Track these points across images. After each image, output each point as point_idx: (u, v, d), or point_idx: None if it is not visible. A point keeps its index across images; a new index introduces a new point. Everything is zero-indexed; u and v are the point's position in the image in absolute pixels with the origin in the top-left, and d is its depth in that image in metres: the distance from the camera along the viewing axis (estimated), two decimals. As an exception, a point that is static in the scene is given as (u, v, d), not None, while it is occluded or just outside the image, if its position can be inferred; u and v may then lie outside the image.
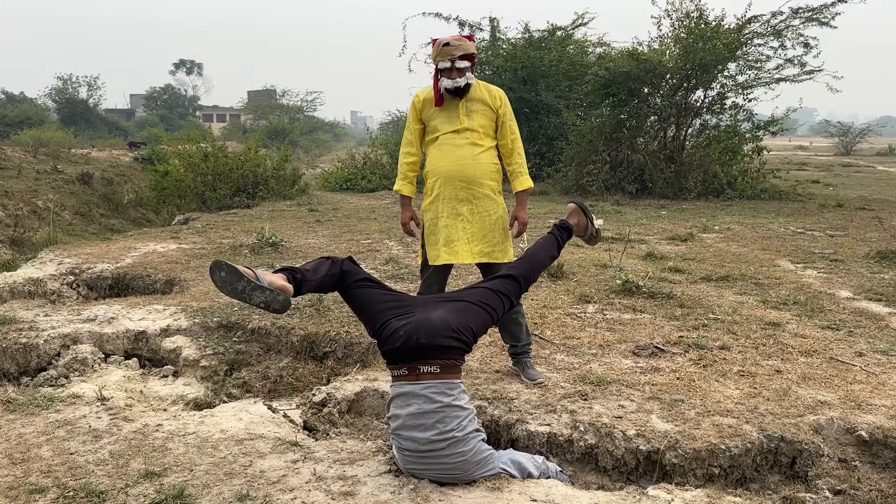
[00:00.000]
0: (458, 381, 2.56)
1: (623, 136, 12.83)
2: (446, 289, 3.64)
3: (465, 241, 3.41)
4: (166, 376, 4.36)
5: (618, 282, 5.29)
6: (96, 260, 6.68)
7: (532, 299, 5.00)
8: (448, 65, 3.36)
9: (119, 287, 6.21)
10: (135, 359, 4.55)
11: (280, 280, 2.55)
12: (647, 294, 5.10)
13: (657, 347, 3.88)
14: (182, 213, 11.31)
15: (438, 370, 2.50)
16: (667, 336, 4.14)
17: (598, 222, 3.49)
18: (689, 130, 13.49)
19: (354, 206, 11.52)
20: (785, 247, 7.45)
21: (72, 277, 6.30)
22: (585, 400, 3.19)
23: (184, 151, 12.28)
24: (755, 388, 3.33)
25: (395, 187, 3.66)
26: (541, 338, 4.13)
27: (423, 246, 3.57)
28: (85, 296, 6.21)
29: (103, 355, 4.52)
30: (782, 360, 3.74)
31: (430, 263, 3.49)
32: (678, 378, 3.45)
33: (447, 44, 3.41)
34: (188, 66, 66.87)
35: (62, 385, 4.05)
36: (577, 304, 4.96)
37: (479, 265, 3.52)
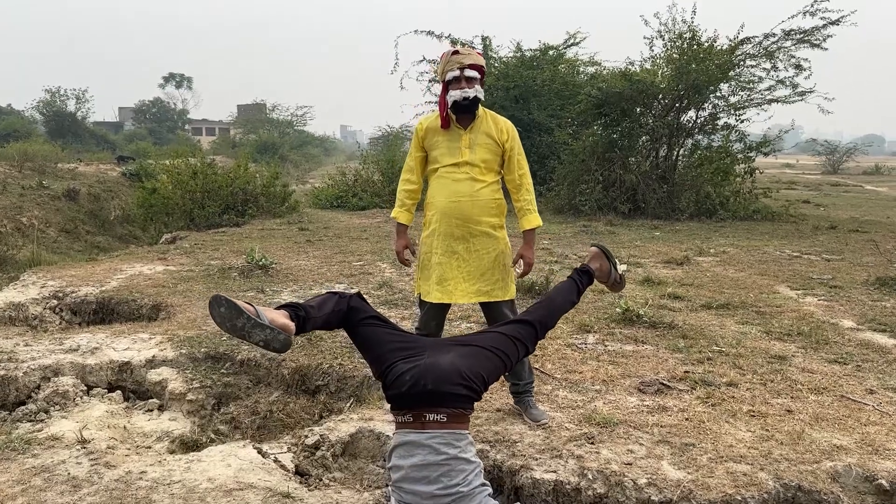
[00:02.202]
0: (466, 431, 2.41)
1: (615, 156, 12.78)
2: (445, 323, 3.51)
3: (460, 279, 3.27)
4: (151, 410, 4.18)
5: (617, 310, 5.17)
6: (81, 283, 6.49)
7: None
8: (457, 73, 3.21)
9: (104, 312, 6.02)
10: (119, 391, 4.37)
11: (282, 318, 2.41)
12: (648, 323, 4.98)
13: (663, 384, 3.75)
14: (170, 232, 11.12)
15: (445, 419, 2.35)
16: (672, 370, 4.01)
17: (621, 268, 3.35)
18: (682, 150, 13.48)
19: (346, 225, 11.37)
20: (782, 271, 7.37)
21: (55, 301, 6.11)
22: (592, 443, 3.05)
23: (172, 168, 12.10)
24: (767, 430, 3.20)
25: (393, 213, 3.53)
26: (542, 371, 3.99)
27: (418, 277, 3.44)
28: (69, 321, 6.02)
29: (86, 387, 4.33)
30: (792, 398, 3.63)
31: (422, 298, 3.36)
32: (687, 419, 3.32)
33: (456, 52, 3.28)
34: (178, 80, 66.73)
35: (42, 420, 3.87)
36: (576, 334, 4.83)
37: (480, 304, 3.38)
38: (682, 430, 3.20)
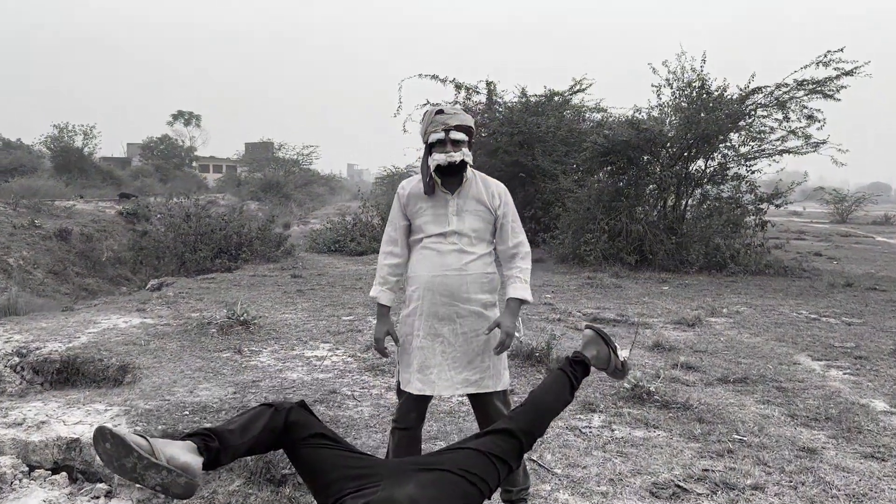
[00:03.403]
0: None
1: (622, 205, 12.39)
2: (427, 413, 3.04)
3: (445, 367, 2.82)
4: (98, 497, 3.69)
5: (626, 385, 4.69)
6: (49, 337, 6.06)
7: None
8: (441, 136, 2.82)
9: (69, 371, 5.56)
10: (65, 473, 3.90)
11: (186, 454, 1.93)
12: (660, 402, 4.49)
13: (679, 486, 3.25)
14: (158, 277, 10.71)
15: None
16: (688, 466, 3.52)
17: (623, 354, 2.90)
18: (690, 200, 13.10)
19: (341, 273, 10.95)
20: (801, 337, 6.88)
21: (17, 359, 5.66)
22: (596, 572, 2.56)
23: (165, 210, 11.76)
24: (804, 555, 2.71)
25: (372, 293, 3.04)
26: (540, 465, 3.51)
27: (398, 363, 2.99)
28: (30, 381, 5.56)
29: (27, 468, 3.87)
30: (829, 507, 3.13)
31: (401, 388, 2.91)
32: (708, 537, 2.83)
33: (440, 111, 2.88)
34: (186, 118, 67.23)
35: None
36: (580, 414, 4.35)
37: (468, 395, 2.93)
38: (704, 553, 2.70)
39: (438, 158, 2.81)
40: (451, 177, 2.87)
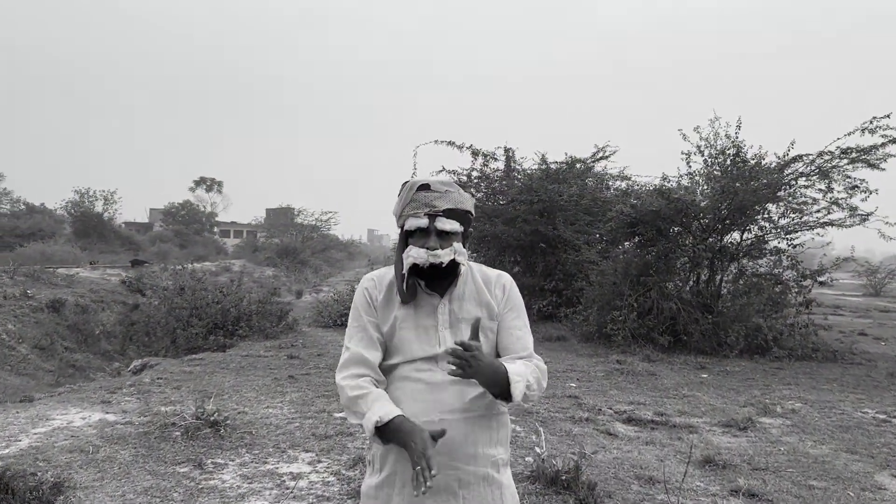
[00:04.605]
0: None
1: (651, 280, 11.40)
2: None
3: None
4: None
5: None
6: (-14, 439, 5.14)
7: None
8: (423, 223, 1.94)
9: (-4, 486, 4.62)
10: None
11: None
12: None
13: None
14: (145, 356, 9.84)
15: None
16: None
17: None
18: (725, 276, 12.08)
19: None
20: (875, 446, 5.76)
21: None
22: None
23: (158, 281, 10.99)
24: None
25: (367, 420, 1.85)
26: None
27: None
28: (-51, 497, 4.62)
29: None
30: None
31: None
32: None
33: (425, 186, 1.99)
34: (208, 184, 67.92)
35: None
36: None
37: None
38: None
39: (416, 256, 1.92)
40: (439, 279, 1.98)
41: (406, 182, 2.03)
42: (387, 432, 1.82)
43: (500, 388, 1.87)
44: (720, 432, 6.11)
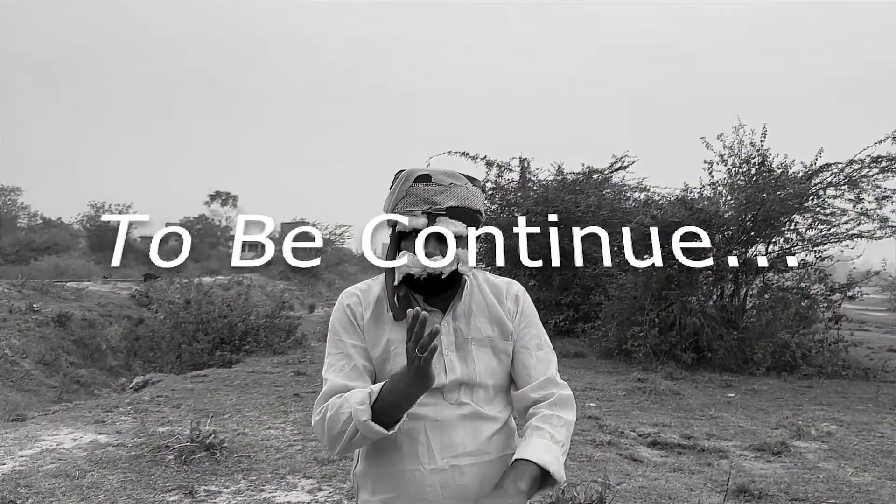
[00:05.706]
0: None
1: (673, 294, 10.97)
2: None
3: None
4: None
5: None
6: (-33, 462, 4.83)
7: None
8: (422, 222, 1.59)
9: (-26, 514, 4.31)
10: None
11: None
12: None
13: None
14: (150, 371, 9.55)
15: None
16: None
17: None
18: (750, 289, 11.61)
19: (353, 369, 9.63)
20: (925, 474, 5.31)
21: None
22: None
23: (164, 296, 10.73)
24: None
25: (359, 414, 1.49)
26: None
27: None
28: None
29: None
30: None
31: None
32: None
33: (424, 177, 1.62)
34: (223, 198, 68.08)
35: None
36: None
37: None
38: None
39: (412, 267, 1.56)
40: (436, 293, 1.62)
41: (401, 171, 1.67)
42: (384, 407, 1.48)
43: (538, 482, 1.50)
44: (752, 457, 5.68)
